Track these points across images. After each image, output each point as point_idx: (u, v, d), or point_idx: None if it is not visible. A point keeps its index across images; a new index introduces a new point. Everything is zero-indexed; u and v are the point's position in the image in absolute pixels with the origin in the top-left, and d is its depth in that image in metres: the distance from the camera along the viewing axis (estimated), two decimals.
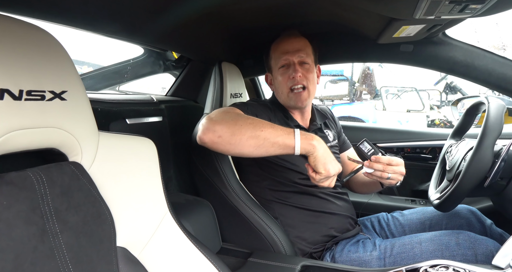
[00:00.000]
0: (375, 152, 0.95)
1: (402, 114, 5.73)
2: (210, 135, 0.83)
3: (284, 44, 1.11)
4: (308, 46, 1.13)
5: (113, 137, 0.69)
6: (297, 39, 1.11)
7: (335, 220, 1.08)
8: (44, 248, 0.50)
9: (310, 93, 1.10)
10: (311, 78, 1.10)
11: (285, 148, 0.83)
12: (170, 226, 0.75)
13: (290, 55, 1.09)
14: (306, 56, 1.10)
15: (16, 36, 0.49)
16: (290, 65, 1.10)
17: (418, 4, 0.67)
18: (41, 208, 0.52)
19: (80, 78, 0.61)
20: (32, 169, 0.54)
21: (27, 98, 0.50)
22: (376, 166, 0.92)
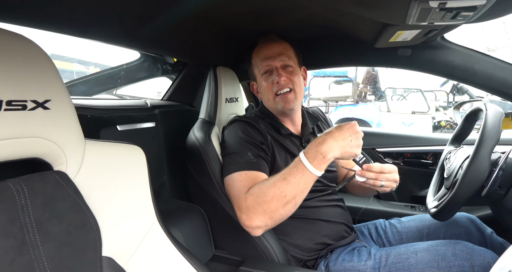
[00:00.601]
0: (366, 160, 0.94)
1: (407, 116, 5.68)
2: (260, 230, 0.89)
3: (264, 50, 1.09)
4: (289, 49, 1.11)
5: (100, 144, 0.68)
6: (276, 43, 1.10)
7: (329, 228, 1.06)
8: (22, 260, 0.50)
9: (297, 95, 1.08)
10: (297, 80, 1.09)
11: (311, 179, 0.86)
12: (157, 235, 0.74)
13: (272, 60, 1.08)
14: (288, 59, 1.09)
15: None
16: (273, 70, 1.08)
17: (409, 11, 0.66)
18: (21, 219, 0.51)
19: (65, 86, 0.60)
20: (13, 179, 0.53)
21: (6, 108, 0.50)
22: (368, 175, 0.92)
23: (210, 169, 1.00)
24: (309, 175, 0.84)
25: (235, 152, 0.98)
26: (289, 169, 0.87)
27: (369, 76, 7.34)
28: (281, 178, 0.86)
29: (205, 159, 1.00)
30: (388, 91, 6.42)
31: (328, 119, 1.32)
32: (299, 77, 1.11)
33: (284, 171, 0.87)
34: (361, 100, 7.53)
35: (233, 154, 0.98)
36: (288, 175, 0.85)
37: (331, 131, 0.88)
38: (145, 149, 0.75)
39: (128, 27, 0.84)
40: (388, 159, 1.65)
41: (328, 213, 1.07)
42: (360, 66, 4.20)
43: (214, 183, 1.01)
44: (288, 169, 0.87)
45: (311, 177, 0.85)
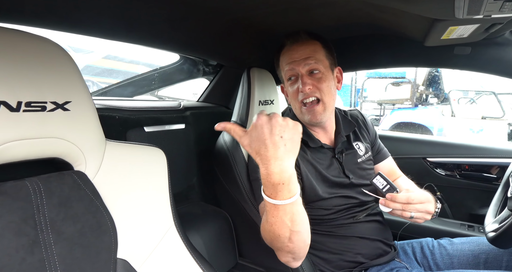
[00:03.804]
0: (391, 188, 0.83)
1: (475, 121, 5.08)
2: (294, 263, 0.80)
3: (289, 52, 0.99)
4: (319, 50, 0.98)
5: (120, 145, 0.69)
6: (304, 44, 0.97)
7: (363, 245, 0.96)
8: (33, 259, 0.51)
9: (326, 106, 0.97)
10: (325, 87, 0.96)
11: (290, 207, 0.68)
12: (173, 240, 0.72)
13: (296, 64, 0.96)
14: (316, 63, 0.96)
15: (19, 49, 0.51)
16: (298, 77, 0.98)
17: (456, 3, 0.55)
18: (35, 218, 0.53)
19: (87, 88, 0.61)
20: (31, 179, 0.55)
21: (25, 109, 0.51)
22: (393, 205, 0.81)
23: (236, 174, 0.97)
24: (283, 207, 0.67)
25: (257, 178, 0.88)
26: (266, 210, 0.72)
27: (431, 78, 6.75)
28: (264, 221, 0.74)
29: (232, 163, 0.98)
30: (453, 94, 5.82)
31: (369, 123, 1.19)
32: (329, 83, 0.98)
33: (265, 213, 0.73)
34: (421, 104, 6.95)
35: (258, 180, 0.90)
36: (269, 217, 0.70)
37: (248, 143, 0.66)
38: (174, 151, 0.75)
39: (160, 30, 0.84)
40: (440, 170, 1.46)
41: (363, 230, 0.98)
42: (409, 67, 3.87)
43: (241, 188, 0.97)
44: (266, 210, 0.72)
45: (288, 207, 0.68)
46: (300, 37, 0.98)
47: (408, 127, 5.56)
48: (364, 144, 1.09)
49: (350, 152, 1.05)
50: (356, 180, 1.00)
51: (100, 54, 3.33)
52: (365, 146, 1.09)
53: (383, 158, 1.16)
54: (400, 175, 1.15)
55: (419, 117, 5.58)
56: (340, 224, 0.97)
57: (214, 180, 1.06)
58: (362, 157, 1.06)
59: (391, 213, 0.84)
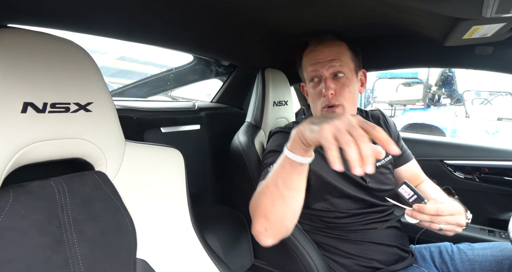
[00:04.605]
0: (418, 198, 0.78)
1: (490, 123, 4.96)
2: (263, 237, 0.74)
3: (314, 53, 0.95)
4: (345, 52, 0.94)
5: (139, 146, 0.69)
6: (329, 45, 0.93)
7: (379, 251, 0.94)
8: (58, 258, 0.51)
9: (345, 110, 0.93)
10: (347, 92, 0.92)
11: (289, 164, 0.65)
12: (191, 241, 0.72)
13: (320, 66, 0.92)
14: (341, 65, 0.92)
15: (44, 50, 0.51)
16: (321, 79, 0.94)
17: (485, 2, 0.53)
18: (59, 217, 0.53)
19: (108, 89, 0.62)
20: (55, 178, 0.56)
21: (51, 111, 0.52)
22: (421, 217, 0.77)
23: (251, 174, 0.97)
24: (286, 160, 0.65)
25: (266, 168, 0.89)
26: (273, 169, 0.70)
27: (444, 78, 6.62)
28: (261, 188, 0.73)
29: (247, 164, 0.97)
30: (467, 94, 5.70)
31: (391, 123, 1.15)
32: (353, 88, 0.94)
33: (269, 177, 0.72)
34: (434, 104, 6.83)
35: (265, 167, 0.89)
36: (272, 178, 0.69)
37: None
38: (189, 152, 0.75)
39: (175, 31, 0.85)
40: (459, 173, 1.43)
41: (379, 235, 0.95)
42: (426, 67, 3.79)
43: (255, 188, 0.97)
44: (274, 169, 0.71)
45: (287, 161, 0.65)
46: (325, 37, 0.95)
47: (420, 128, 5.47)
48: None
49: None
50: (373, 184, 0.97)
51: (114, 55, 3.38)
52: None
53: (406, 161, 1.10)
54: (424, 179, 1.10)
55: (431, 118, 5.47)
56: (355, 229, 0.95)
57: (228, 181, 1.06)
58: (382, 161, 1.03)
59: (418, 224, 0.80)
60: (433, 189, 1.02)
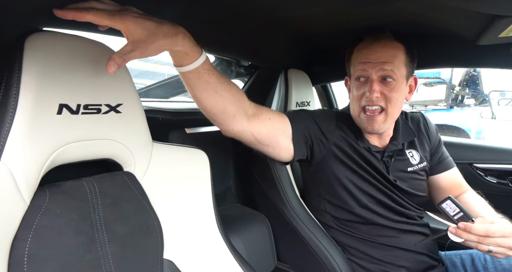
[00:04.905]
0: (464, 216, 0.72)
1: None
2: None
3: (366, 51, 0.87)
4: (401, 55, 0.86)
5: (166, 147, 0.70)
6: (385, 46, 0.86)
7: (407, 257, 0.91)
8: (91, 257, 0.52)
9: (387, 117, 0.88)
10: (394, 98, 0.86)
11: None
12: (216, 242, 0.72)
13: (370, 66, 0.86)
14: (393, 70, 0.85)
15: (77, 53, 0.52)
16: (367, 80, 0.88)
17: None
18: (91, 217, 0.54)
19: (136, 91, 0.63)
20: (87, 178, 0.57)
21: (84, 112, 0.53)
22: (467, 236, 0.71)
23: (275, 176, 0.96)
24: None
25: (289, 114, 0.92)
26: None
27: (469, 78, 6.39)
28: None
29: (270, 165, 0.96)
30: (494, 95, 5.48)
31: (432, 128, 1.06)
32: (399, 95, 0.87)
33: None
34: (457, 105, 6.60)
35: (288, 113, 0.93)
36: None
37: None
38: (212, 153, 0.75)
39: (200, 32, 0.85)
40: (490, 177, 1.36)
41: (407, 241, 0.91)
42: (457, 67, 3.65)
43: (280, 191, 0.96)
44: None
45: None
46: (383, 35, 0.87)
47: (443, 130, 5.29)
48: (419, 152, 1.00)
49: (401, 158, 0.96)
50: (403, 186, 0.94)
51: None
52: (420, 155, 0.98)
53: (446, 168, 1.03)
54: (466, 189, 1.02)
55: (455, 119, 5.30)
56: (382, 234, 0.92)
57: (251, 182, 1.06)
58: (414, 167, 0.97)
59: (463, 243, 0.74)
60: (477, 201, 0.94)
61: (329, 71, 1.38)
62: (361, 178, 0.92)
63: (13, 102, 0.44)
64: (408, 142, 0.99)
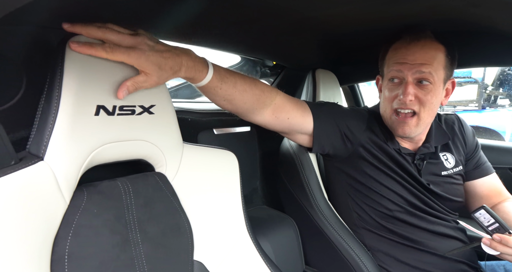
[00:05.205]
0: (500, 228, 0.68)
1: None
2: None
3: (403, 51, 0.82)
4: (441, 57, 0.81)
5: (196, 149, 0.70)
6: (425, 47, 0.80)
7: (443, 265, 0.86)
8: (126, 257, 0.53)
9: (420, 121, 0.84)
10: (429, 102, 0.82)
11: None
12: (246, 244, 0.72)
13: (407, 68, 0.81)
14: (431, 72, 0.80)
15: None
16: (402, 81, 0.83)
17: None
18: (125, 217, 0.55)
19: (168, 92, 0.63)
20: (121, 179, 0.58)
21: (119, 113, 0.54)
22: (502, 249, 0.68)
23: (304, 179, 0.94)
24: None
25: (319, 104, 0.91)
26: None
27: (503, 77, 6.06)
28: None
29: (298, 168, 0.95)
30: None
31: (469, 131, 1.00)
32: (435, 98, 0.83)
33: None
34: (490, 106, 6.29)
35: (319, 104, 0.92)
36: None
37: None
38: (239, 153, 0.75)
39: (230, 33, 0.85)
40: None
41: (443, 247, 0.87)
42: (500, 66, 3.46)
43: (308, 194, 0.94)
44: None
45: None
46: (423, 34, 0.82)
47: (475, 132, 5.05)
48: (454, 156, 0.95)
49: (434, 161, 0.92)
50: (437, 189, 0.89)
51: None
52: (455, 159, 0.94)
53: (484, 174, 0.97)
54: (507, 197, 0.95)
55: (487, 120, 5.03)
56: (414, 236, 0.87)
57: (278, 184, 1.04)
58: (449, 171, 0.92)
59: (499, 256, 0.71)
60: None
61: (358, 71, 1.35)
62: (391, 179, 0.89)
63: (55, 104, 0.46)
64: (444, 147, 0.94)
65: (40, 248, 0.42)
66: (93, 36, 0.49)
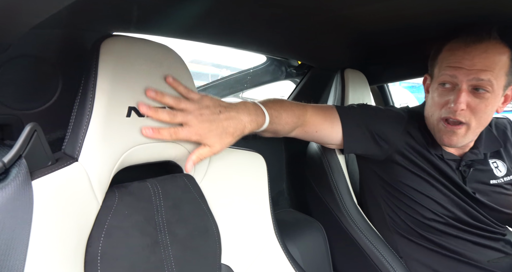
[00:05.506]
0: None
1: None
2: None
3: (460, 54, 0.73)
4: (503, 63, 0.72)
5: (224, 150, 0.69)
6: (487, 50, 0.71)
7: None
8: (155, 259, 0.53)
9: (469, 131, 0.76)
10: (482, 111, 0.74)
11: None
12: (274, 249, 0.70)
13: (462, 74, 0.72)
14: (490, 80, 0.71)
15: (145, 56, 0.53)
16: (455, 87, 0.75)
17: None
18: (155, 219, 0.55)
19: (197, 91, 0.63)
20: (151, 180, 0.58)
21: None
22: None
23: (332, 182, 0.91)
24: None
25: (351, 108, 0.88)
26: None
27: None
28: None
29: (327, 170, 0.92)
30: None
31: None
32: (491, 107, 0.75)
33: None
34: None
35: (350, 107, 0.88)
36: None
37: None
38: (265, 155, 0.74)
39: (258, 33, 0.84)
40: None
41: (483, 257, 0.81)
42: None
43: (336, 198, 0.91)
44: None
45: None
46: (487, 36, 0.71)
47: None
48: (506, 164, 0.87)
49: (482, 168, 0.85)
50: (484, 199, 0.82)
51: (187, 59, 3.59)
52: (507, 167, 0.86)
53: None
54: None
55: None
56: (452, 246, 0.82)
57: (305, 187, 1.02)
58: (499, 179, 0.85)
59: None
60: None
61: (388, 71, 1.29)
62: (430, 186, 0.83)
63: (90, 106, 0.46)
64: (495, 155, 0.87)
65: (75, 249, 0.43)
66: (163, 120, 0.54)
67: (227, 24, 0.76)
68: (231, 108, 0.61)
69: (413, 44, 1.11)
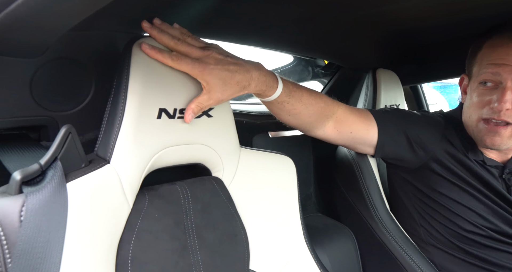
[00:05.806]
0: None
1: None
2: None
3: (502, 50, 0.70)
4: None
5: (253, 153, 0.67)
6: None
7: None
8: (184, 264, 0.52)
9: None
10: None
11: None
12: (304, 257, 0.67)
13: (506, 70, 0.69)
14: None
15: None
16: (498, 86, 0.71)
17: None
18: (184, 223, 0.54)
19: None
20: (180, 183, 0.57)
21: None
22: None
23: (363, 187, 0.87)
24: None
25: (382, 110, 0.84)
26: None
27: None
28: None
29: (357, 175, 0.88)
30: None
31: None
32: None
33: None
34: None
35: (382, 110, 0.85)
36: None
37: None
38: (294, 158, 0.72)
39: (287, 33, 0.82)
40: None
41: None
42: None
43: (368, 203, 0.87)
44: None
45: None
46: None
47: None
48: None
49: None
50: None
51: None
52: None
53: None
54: None
55: None
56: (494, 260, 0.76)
57: (334, 191, 0.98)
58: None
59: None
60: None
61: (423, 71, 1.24)
62: (469, 195, 0.78)
63: (122, 107, 0.46)
64: None
65: (107, 252, 0.43)
66: (164, 44, 0.49)
67: (256, 23, 0.75)
68: (241, 59, 0.57)
69: (450, 42, 1.05)
